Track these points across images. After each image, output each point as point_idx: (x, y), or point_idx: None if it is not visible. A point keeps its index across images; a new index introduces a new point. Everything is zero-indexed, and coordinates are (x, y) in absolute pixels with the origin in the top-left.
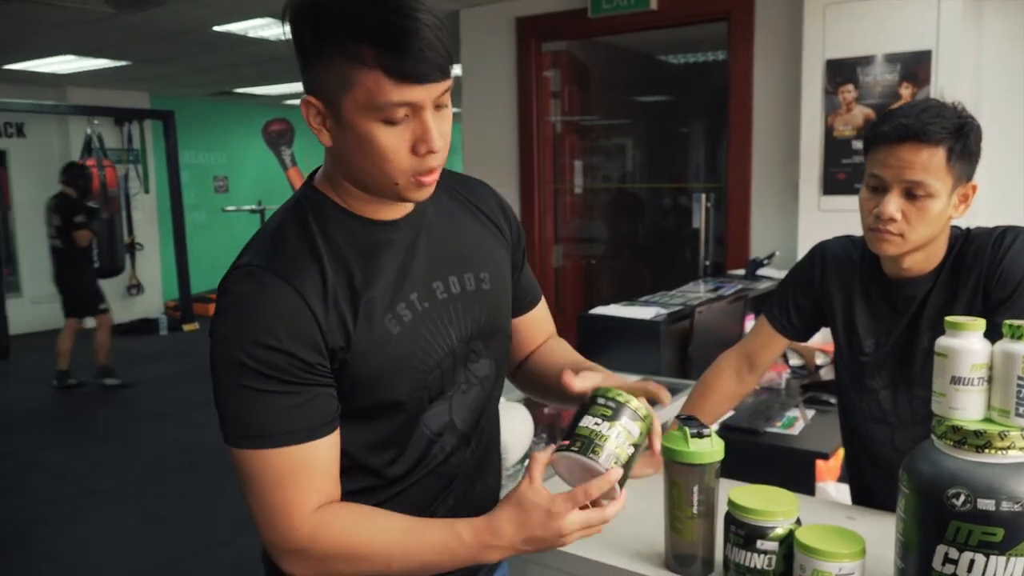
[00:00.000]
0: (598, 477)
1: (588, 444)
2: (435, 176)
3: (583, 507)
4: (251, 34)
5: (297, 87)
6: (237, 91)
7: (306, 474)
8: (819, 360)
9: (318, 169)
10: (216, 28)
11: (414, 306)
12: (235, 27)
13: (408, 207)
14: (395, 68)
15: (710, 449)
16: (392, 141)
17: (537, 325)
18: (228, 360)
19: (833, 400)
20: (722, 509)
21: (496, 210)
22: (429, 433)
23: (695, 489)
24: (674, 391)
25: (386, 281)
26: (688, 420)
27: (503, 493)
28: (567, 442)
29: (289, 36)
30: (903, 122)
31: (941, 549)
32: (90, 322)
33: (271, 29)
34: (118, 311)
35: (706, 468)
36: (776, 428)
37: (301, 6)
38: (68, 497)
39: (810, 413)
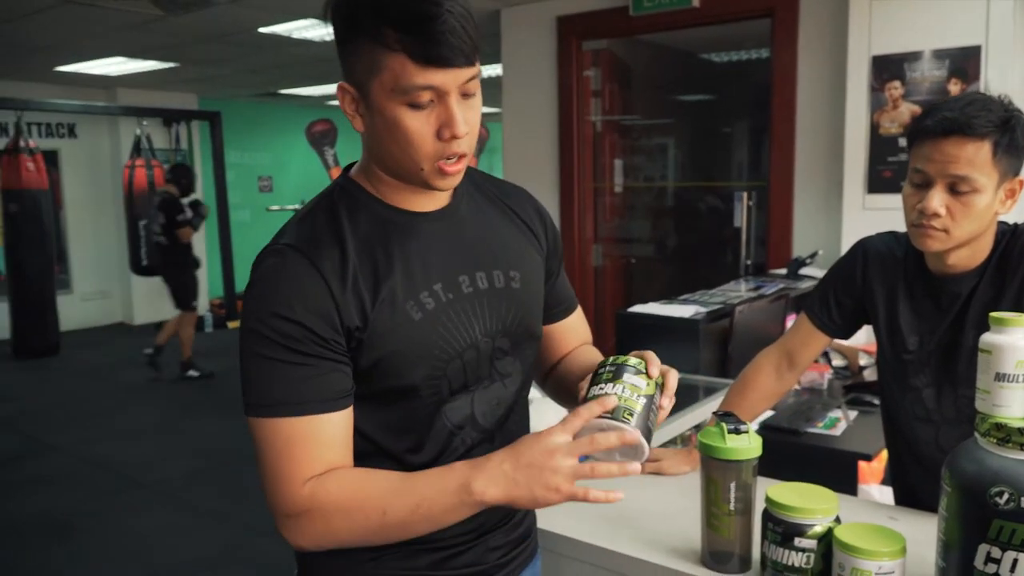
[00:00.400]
0: (605, 419)
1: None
2: (460, 166)
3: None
4: (295, 35)
5: None
6: (282, 92)
7: (313, 444)
8: (863, 361)
9: (355, 163)
10: (261, 29)
11: (437, 296)
12: (280, 28)
13: (441, 201)
14: (418, 51)
15: (747, 446)
16: (417, 125)
17: (571, 333)
18: (248, 330)
19: (877, 401)
20: (760, 507)
21: (533, 216)
22: (450, 425)
23: (732, 486)
24: (713, 390)
25: (411, 269)
26: (725, 416)
27: None
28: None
29: (332, 37)
30: (948, 116)
31: (983, 548)
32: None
33: (315, 30)
34: (164, 309)
35: (743, 465)
36: (817, 428)
37: None
38: (117, 489)
39: (853, 414)
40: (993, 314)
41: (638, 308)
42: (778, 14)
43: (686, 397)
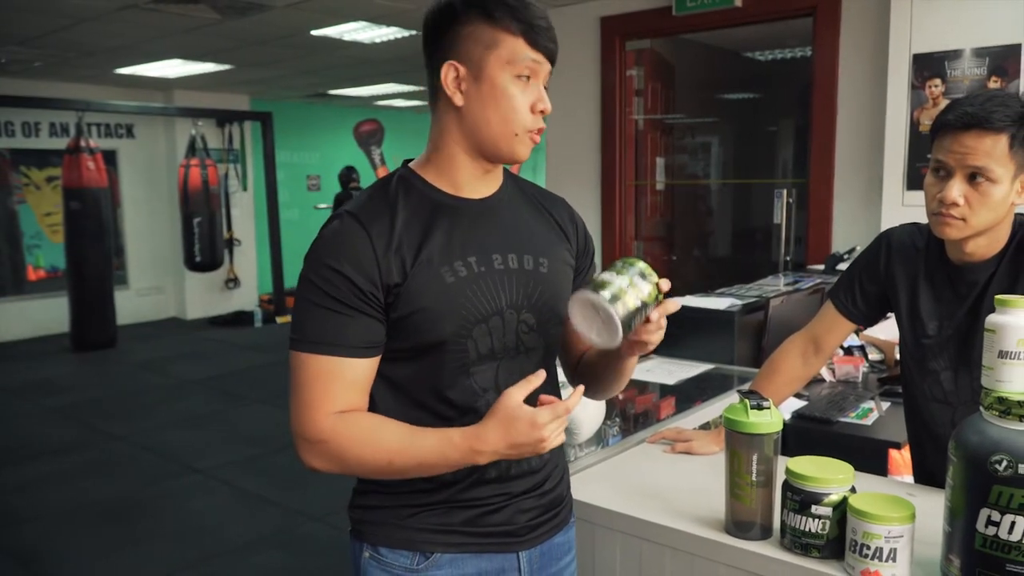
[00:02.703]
0: (572, 393)
1: (600, 286)
2: (538, 140)
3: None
4: (346, 37)
5: (387, 88)
6: (331, 93)
7: (338, 382)
8: (899, 355)
9: (413, 158)
10: (314, 32)
11: (471, 267)
12: (331, 31)
13: (486, 191)
14: (532, 38)
15: (769, 420)
16: (520, 96)
17: None
18: (303, 278)
19: None
20: (780, 480)
21: (566, 219)
22: (476, 387)
23: (754, 458)
24: (746, 380)
25: (450, 241)
26: (749, 394)
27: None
28: (584, 286)
29: (384, 39)
30: (967, 110)
31: (984, 512)
32: None
33: (365, 32)
34: (216, 304)
35: (764, 438)
36: (850, 418)
37: None
38: (174, 475)
39: (885, 405)
40: (998, 296)
41: (676, 300)
42: (820, 12)
43: (721, 385)
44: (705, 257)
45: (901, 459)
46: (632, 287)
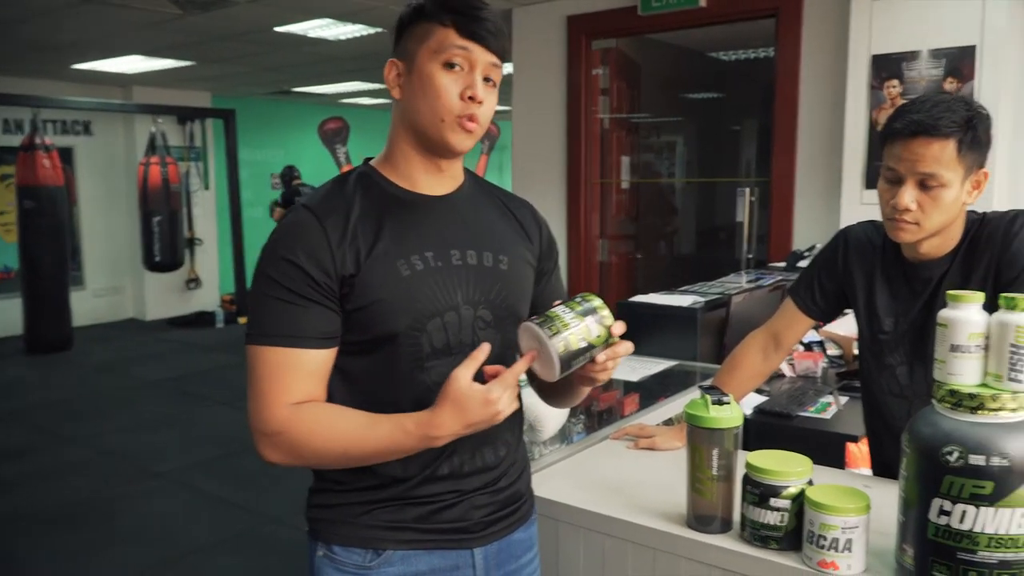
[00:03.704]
0: (520, 360)
1: (548, 321)
2: (475, 127)
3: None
4: (311, 34)
5: (352, 86)
6: (295, 90)
7: (294, 373)
8: (856, 351)
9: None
10: (278, 28)
11: (427, 261)
12: (295, 27)
13: (447, 188)
14: (462, 26)
15: (729, 415)
16: (446, 82)
17: None
18: (259, 272)
19: None
20: (740, 474)
21: (529, 220)
22: (430, 381)
23: (715, 453)
24: (708, 376)
25: (407, 235)
26: (710, 389)
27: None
28: (534, 316)
29: (349, 36)
30: (914, 118)
31: (936, 502)
32: None
33: (330, 29)
34: (176, 305)
35: (725, 433)
36: (809, 412)
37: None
38: (135, 479)
39: (843, 399)
40: (949, 292)
41: (639, 298)
42: (782, 14)
43: (684, 382)
44: (669, 255)
45: (859, 452)
46: (580, 326)
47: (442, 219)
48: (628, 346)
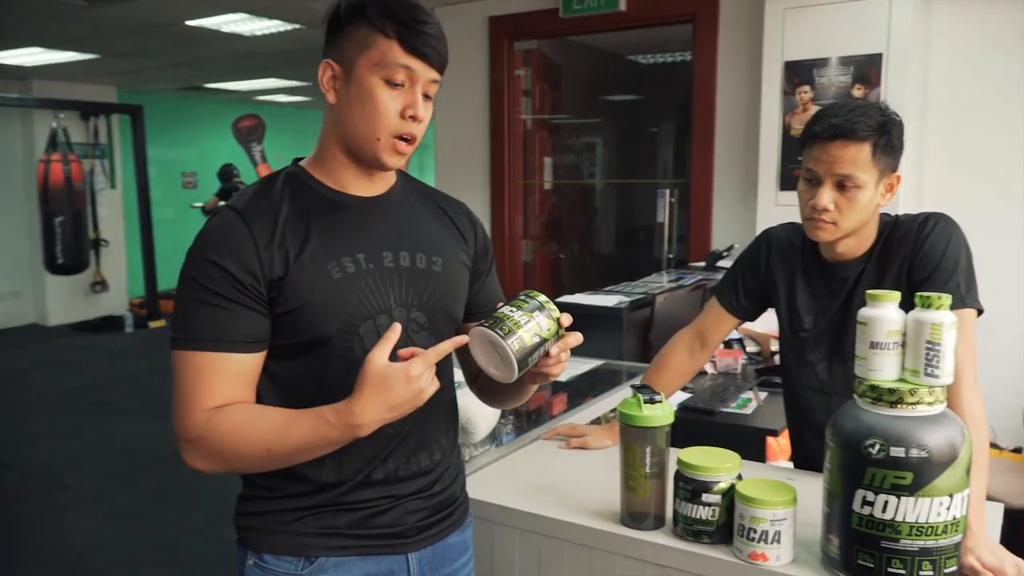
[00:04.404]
0: (447, 341)
1: (497, 322)
2: (408, 149)
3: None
4: (225, 29)
5: (268, 83)
6: (207, 86)
7: (219, 378)
8: (774, 347)
9: (303, 157)
10: (189, 22)
11: (359, 263)
12: (208, 21)
13: (378, 189)
14: (407, 41)
15: (661, 413)
16: (387, 100)
17: None
18: (183, 275)
19: None
20: (672, 471)
21: (464, 220)
22: None
23: (648, 451)
24: (635, 374)
25: (337, 237)
26: (641, 388)
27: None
28: (483, 321)
29: (265, 32)
30: (832, 122)
31: (860, 493)
32: None
33: (245, 24)
34: (81, 309)
35: (657, 431)
36: (731, 408)
37: None
38: (43, 493)
39: (763, 395)
40: (868, 291)
41: (565, 298)
42: (699, 19)
43: (611, 381)
44: (591, 255)
45: (777, 446)
46: (531, 323)
47: (374, 220)
48: (577, 336)
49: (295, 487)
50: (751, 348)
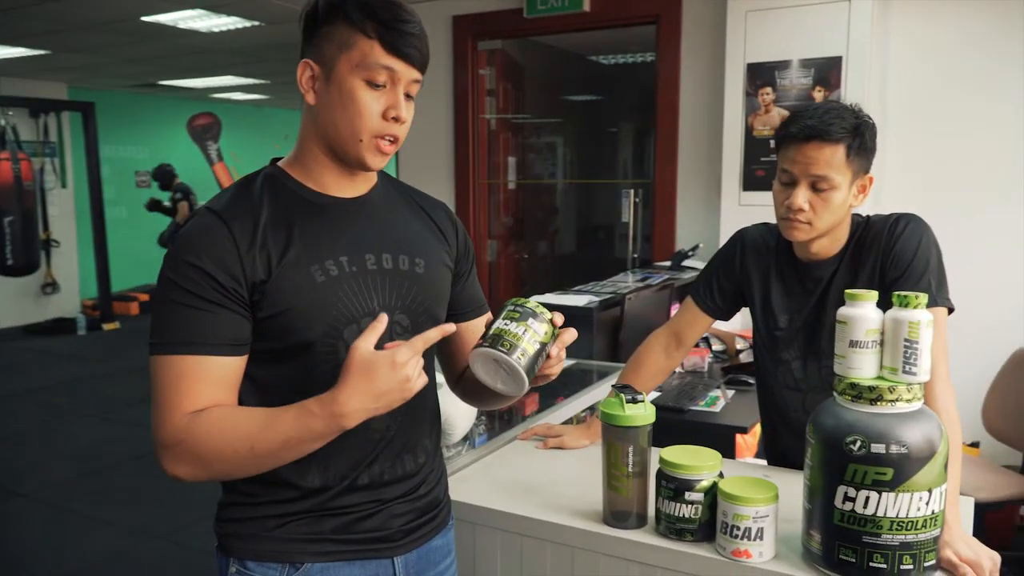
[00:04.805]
0: (435, 328)
1: (497, 339)
2: (391, 149)
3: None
4: (181, 25)
5: (224, 80)
6: (162, 83)
7: (199, 382)
8: (739, 345)
9: (281, 157)
10: (145, 18)
11: (342, 266)
12: (164, 18)
13: (359, 190)
14: (388, 42)
15: (643, 413)
16: (369, 100)
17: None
18: (162, 278)
19: (751, 381)
20: (653, 470)
21: (445, 220)
22: None
23: (630, 450)
24: (605, 374)
25: (320, 240)
26: (623, 388)
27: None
28: (482, 341)
29: (223, 28)
30: (808, 123)
31: (841, 489)
32: None
33: (202, 21)
34: (31, 311)
35: (640, 430)
36: (699, 406)
37: None
38: None
39: (730, 393)
40: (848, 291)
41: (535, 299)
42: (663, 21)
43: (582, 380)
44: (555, 255)
45: (744, 443)
46: (529, 332)
47: (356, 222)
48: (572, 332)
49: (279, 493)
50: (717, 347)
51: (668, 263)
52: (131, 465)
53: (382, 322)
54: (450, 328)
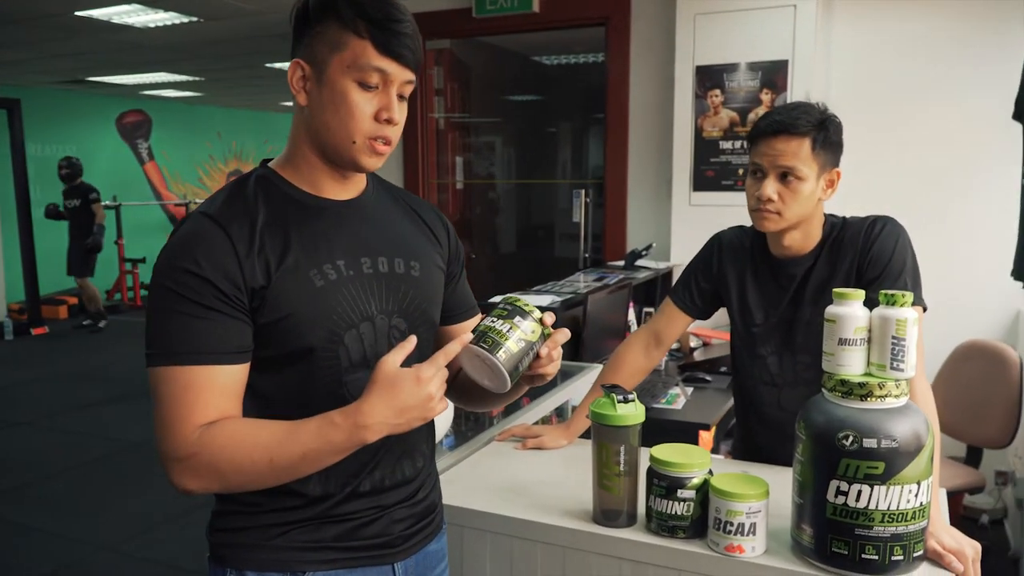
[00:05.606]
0: (456, 340)
1: (482, 337)
2: (386, 150)
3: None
4: (116, 20)
5: (156, 77)
6: (90, 80)
7: (207, 392)
8: (693, 343)
9: (271, 158)
10: (79, 13)
11: (340, 270)
12: (98, 12)
13: (352, 192)
14: (381, 42)
15: (634, 413)
16: (361, 102)
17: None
18: (156, 285)
19: (708, 378)
20: (642, 468)
21: (436, 222)
22: (349, 397)
23: (621, 449)
24: (569, 375)
25: (316, 244)
26: (613, 388)
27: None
28: (470, 337)
29: (158, 24)
30: (776, 118)
31: (834, 484)
32: None
33: (137, 16)
34: None
35: (630, 430)
36: (661, 404)
37: None
38: None
39: (689, 390)
40: (836, 290)
41: (498, 299)
42: (612, 23)
43: (549, 381)
44: (500, 255)
45: (701, 440)
46: (515, 331)
47: (351, 225)
48: (565, 332)
49: (280, 502)
50: (672, 345)
51: (621, 263)
52: (73, 473)
53: (411, 343)
54: (468, 339)
